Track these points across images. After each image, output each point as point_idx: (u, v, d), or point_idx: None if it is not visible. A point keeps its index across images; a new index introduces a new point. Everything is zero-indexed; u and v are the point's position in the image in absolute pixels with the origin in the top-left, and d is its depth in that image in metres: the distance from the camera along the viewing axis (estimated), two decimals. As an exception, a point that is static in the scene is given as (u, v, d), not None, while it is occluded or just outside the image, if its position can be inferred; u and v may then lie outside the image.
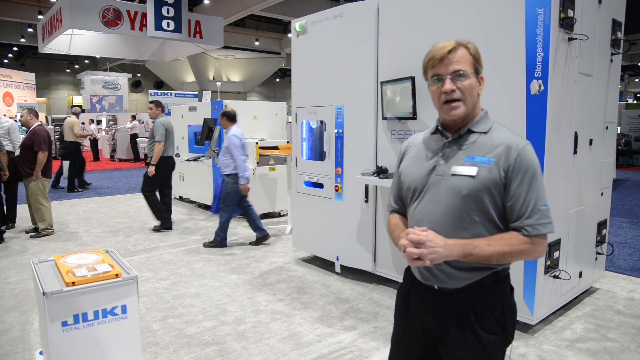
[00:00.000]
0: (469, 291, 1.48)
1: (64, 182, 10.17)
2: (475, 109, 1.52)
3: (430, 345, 1.59)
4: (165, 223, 6.58)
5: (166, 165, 6.45)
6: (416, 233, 1.38)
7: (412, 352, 1.64)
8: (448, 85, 1.44)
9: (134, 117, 18.47)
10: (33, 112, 6.36)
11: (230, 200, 5.56)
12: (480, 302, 1.48)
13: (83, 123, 21.51)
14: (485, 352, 1.47)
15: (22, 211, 7.99)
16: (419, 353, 1.63)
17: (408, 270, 1.65)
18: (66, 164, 9.92)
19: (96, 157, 19.19)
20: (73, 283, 1.88)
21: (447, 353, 1.53)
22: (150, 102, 6.65)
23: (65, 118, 10.09)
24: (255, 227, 5.80)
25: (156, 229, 6.52)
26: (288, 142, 7.22)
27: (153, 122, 6.51)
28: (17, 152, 6.35)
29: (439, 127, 1.57)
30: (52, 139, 18.13)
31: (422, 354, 1.62)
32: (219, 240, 5.68)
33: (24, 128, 6.43)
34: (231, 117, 5.72)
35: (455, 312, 1.49)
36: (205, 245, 5.74)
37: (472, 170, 1.44)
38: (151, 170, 6.23)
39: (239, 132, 5.60)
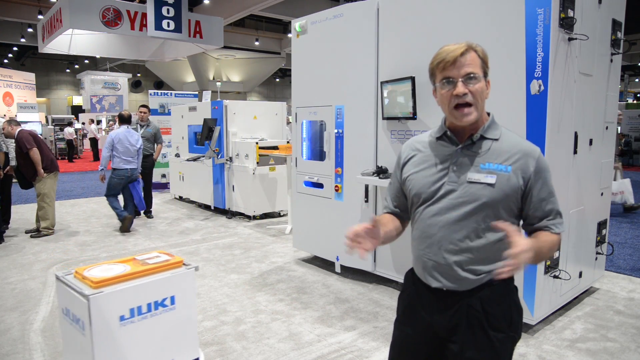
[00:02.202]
0: (479, 291, 1.48)
1: None
2: (484, 113, 1.52)
3: (435, 348, 1.57)
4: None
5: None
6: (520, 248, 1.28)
7: (416, 356, 1.61)
8: (460, 87, 1.41)
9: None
10: (13, 122, 6.32)
11: (113, 189, 6.37)
12: (490, 301, 1.48)
13: (83, 123, 21.57)
14: (495, 351, 1.48)
15: (22, 212, 8.00)
16: (423, 357, 1.60)
17: (409, 275, 1.65)
18: None
19: (96, 157, 19.21)
20: (182, 262, 1.80)
21: (455, 354, 1.51)
22: (144, 107, 7.49)
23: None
24: (126, 207, 6.60)
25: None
26: (288, 142, 7.22)
27: (143, 125, 7.30)
28: (11, 155, 6.37)
29: (447, 133, 1.53)
30: (52, 138, 18.05)
31: (426, 358, 1.59)
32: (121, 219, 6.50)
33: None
34: (121, 119, 6.66)
35: (465, 312, 1.49)
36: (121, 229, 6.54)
37: (491, 179, 1.43)
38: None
39: (115, 133, 6.41)
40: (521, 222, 1.56)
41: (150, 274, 1.56)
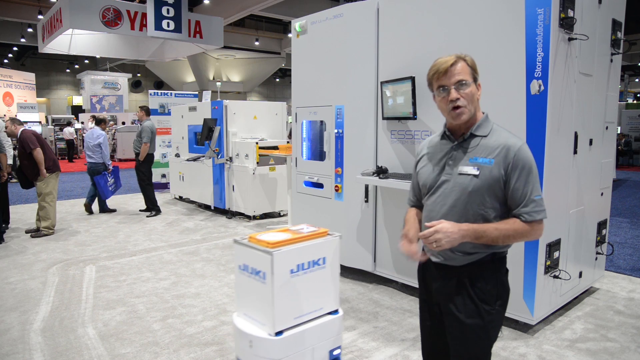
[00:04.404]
0: (469, 267, 1.75)
1: None
2: (477, 113, 1.76)
3: (438, 311, 1.86)
4: (155, 211, 7.75)
5: (151, 160, 7.74)
6: (427, 230, 1.66)
7: (430, 317, 1.93)
8: (454, 94, 1.69)
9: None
10: (16, 121, 6.35)
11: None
12: (477, 276, 1.75)
13: (82, 122, 21.56)
14: (482, 319, 1.74)
15: (22, 212, 8.00)
16: (435, 317, 1.90)
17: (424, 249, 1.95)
18: None
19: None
20: (327, 232, 2.11)
21: (449, 317, 1.79)
22: (139, 107, 7.99)
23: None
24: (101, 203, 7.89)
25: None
26: (288, 142, 7.22)
27: (141, 124, 7.69)
28: (11, 153, 6.36)
29: (446, 132, 1.82)
30: (52, 138, 18.02)
31: (433, 317, 1.90)
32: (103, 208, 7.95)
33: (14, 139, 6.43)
34: (96, 121, 7.86)
35: (455, 283, 1.77)
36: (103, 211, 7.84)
37: (476, 171, 1.70)
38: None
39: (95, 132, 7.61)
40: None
41: (308, 239, 1.96)
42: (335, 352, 2.01)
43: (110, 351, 3.13)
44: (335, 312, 2.03)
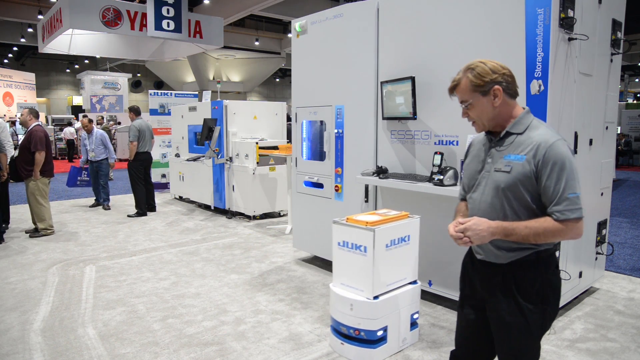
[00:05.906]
0: (513, 266, 1.75)
1: None
2: (509, 113, 1.76)
3: (481, 305, 1.89)
4: (139, 212, 7.67)
5: (143, 158, 7.68)
6: (459, 227, 1.70)
7: (470, 310, 1.95)
8: (463, 112, 1.80)
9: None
10: (33, 112, 6.34)
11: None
12: (521, 276, 1.74)
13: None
14: (525, 319, 1.73)
15: (22, 212, 8.00)
16: (476, 310, 1.92)
17: (469, 248, 1.98)
18: None
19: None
20: (407, 215, 2.49)
21: (492, 314, 1.81)
22: (128, 108, 8.36)
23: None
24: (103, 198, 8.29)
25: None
26: (288, 142, 7.22)
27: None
28: (11, 153, 6.35)
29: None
30: (52, 138, 18.02)
31: (475, 310, 1.92)
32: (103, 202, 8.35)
33: (24, 128, 6.43)
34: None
35: (499, 281, 1.78)
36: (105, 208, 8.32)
37: (507, 167, 1.71)
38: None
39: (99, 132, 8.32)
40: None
41: (395, 220, 2.24)
42: (415, 316, 2.30)
43: (110, 351, 3.13)
44: (415, 282, 2.33)
